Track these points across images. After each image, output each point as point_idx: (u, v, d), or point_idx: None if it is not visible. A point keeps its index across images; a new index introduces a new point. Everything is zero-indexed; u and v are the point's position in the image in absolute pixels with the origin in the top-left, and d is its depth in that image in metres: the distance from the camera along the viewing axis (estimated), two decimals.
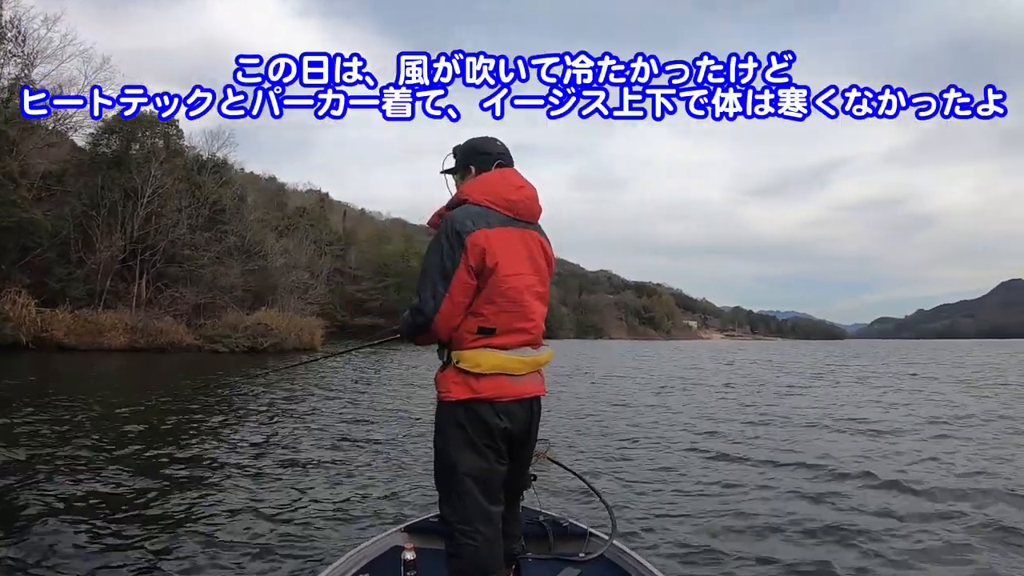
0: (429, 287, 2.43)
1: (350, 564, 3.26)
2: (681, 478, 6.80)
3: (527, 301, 2.53)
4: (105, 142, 34.42)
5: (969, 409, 12.90)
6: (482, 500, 2.47)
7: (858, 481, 6.75)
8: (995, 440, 9.27)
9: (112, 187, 32.73)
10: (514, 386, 2.51)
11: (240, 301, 37.20)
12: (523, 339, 2.54)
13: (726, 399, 15.33)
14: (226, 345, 32.67)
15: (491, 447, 2.49)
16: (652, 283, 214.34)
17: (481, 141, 2.69)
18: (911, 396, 15.95)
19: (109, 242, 32.24)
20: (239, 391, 14.74)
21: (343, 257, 76.98)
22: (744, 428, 10.40)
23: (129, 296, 33.11)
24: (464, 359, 2.47)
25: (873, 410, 12.95)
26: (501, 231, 2.48)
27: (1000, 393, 16.62)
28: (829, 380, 21.68)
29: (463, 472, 2.47)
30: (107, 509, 5.24)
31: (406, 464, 7.24)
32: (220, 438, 8.64)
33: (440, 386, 2.54)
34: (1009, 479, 6.79)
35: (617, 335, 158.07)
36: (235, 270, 37.11)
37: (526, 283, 2.53)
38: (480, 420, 2.46)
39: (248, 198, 45.20)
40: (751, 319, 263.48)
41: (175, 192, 34.87)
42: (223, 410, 11.52)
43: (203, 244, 35.79)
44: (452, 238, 2.42)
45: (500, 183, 2.57)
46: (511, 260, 2.49)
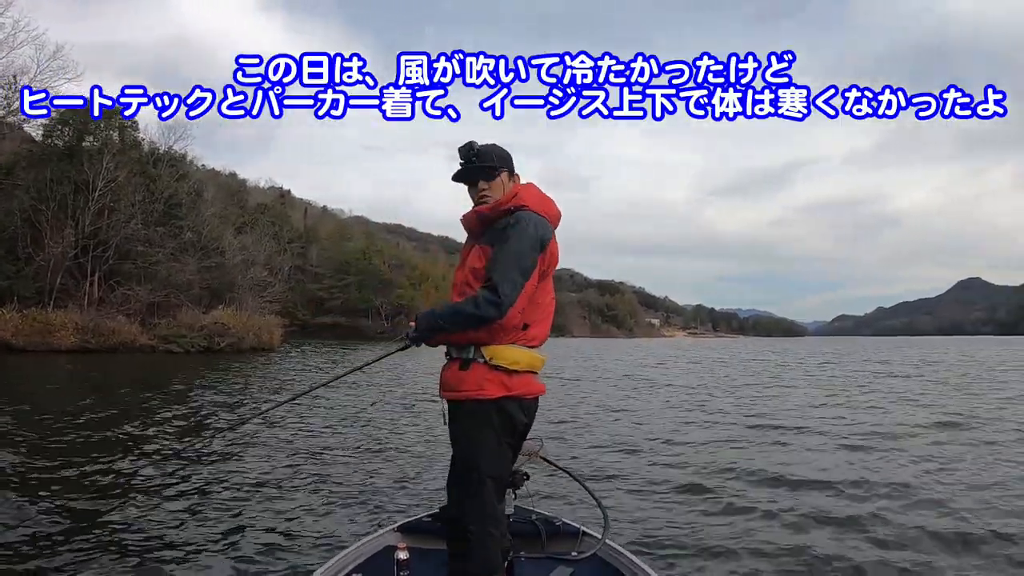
0: (511, 281, 2.42)
1: (343, 564, 3.24)
2: (673, 478, 6.75)
3: (551, 303, 2.69)
4: (58, 133, 33.01)
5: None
6: (495, 501, 2.51)
7: (853, 479, 6.77)
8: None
9: (62, 180, 31.40)
10: (536, 384, 2.60)
11: (196, 299, 36.11)
12: (545, 336, 2.65)
13: (711, 398, 15.42)
14: (181, 345, 31.52)
15: (512, 445, 2.56)
16: (615, 281, 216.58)
17: (500, 148, 2.76)
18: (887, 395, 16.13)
19: (59, 238, 30.92)
20: (208, 391, 14.31)
21: (304, 255, 76.02)
22: (733, 428, 10.38)
23: (80, 294, 31.84)
24: (500, 355, 2.47)
25: (855, 411, 13.02)
26: (554, 241, 2.62)
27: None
28: (801, 380, 21.92)
29: (487, 474, 2.47)
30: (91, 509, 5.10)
31: (399, 464, 7.17)
32: (199, 440, 8.43)
33: (465, 385, 2.48)
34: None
35: (580, 333, 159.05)
36: (191, 267, 35.94)
37: (551, 287, 2.70)
38: (509, 418, 2.49)
39: (206, 193, 43.87)
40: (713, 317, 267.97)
41: (129, 186, 33.62)
42: (195, 413, 11.11)
43: (158, 240, 34.54)
44: (536, 240, 2.50)
45: (544, 195, 2.70)
46: (555, 268, 2.65)
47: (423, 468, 6.88)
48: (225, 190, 60.64)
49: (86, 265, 32.30)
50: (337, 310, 75.47)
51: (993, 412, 11.83)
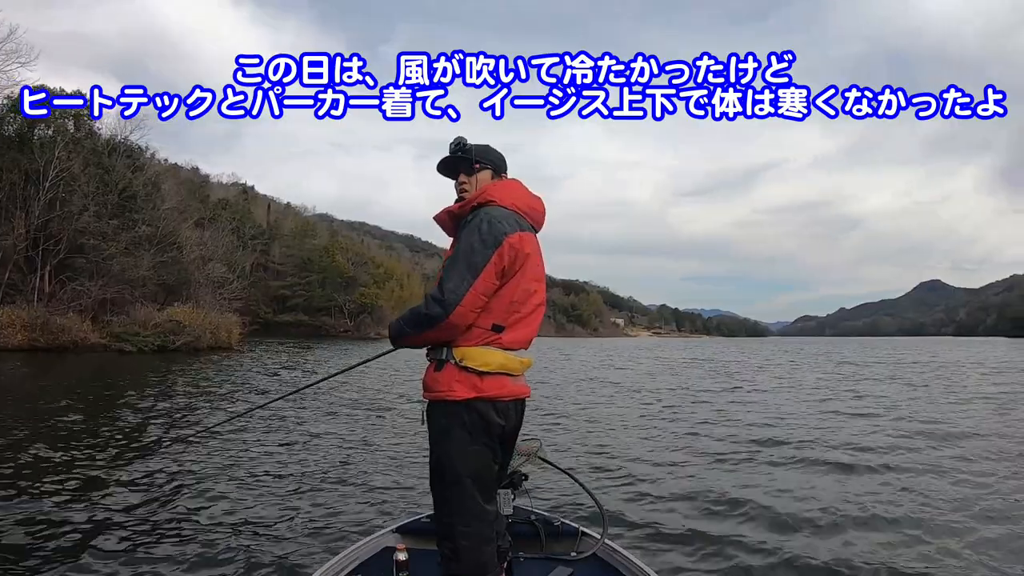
0: (456, 277, 2.39)
1: (342, 565, 3.23)
2: (673, 478, 6.82)
3: (535, 305, 2.60)
4: (9, 120, 31.47)
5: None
6: (480, 500, 2.47)
7: (846, 473, 7.00)
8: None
9: (12, 169, 30.01)
10: (513, 386, 2.53)
11: (152, 296, 34.91)
12: (526, 340, 2.58)
13: (701, 396, 15.62)
14: (134, 344, 30.03)
15: (489, 446, 2.49)
16: (580, 281, 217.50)
17: (494, 149, 2.74)
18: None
19: (8, 229, 29.57)
20: (183, 392, 14.06)
21: (267, 252, 74.79)
22: (727, 426, 10.50)
23: (29, 289, 30.46)
24: (470, 356, 2.44)
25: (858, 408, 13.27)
26: (527, 236, 2.53)
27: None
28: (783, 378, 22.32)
29: (463, 473, 2.44)
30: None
31: (396, 464, 7.19)
32: (183, 442, 8.28)
33: (439, 385, 2.47)
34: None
35: (544, 332, 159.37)
36: (146, 262, 34.48)
37: (536, 288, 2.60)
38: (482, 419, 2.44)
39: (164, 186, 42.36)
40: (677, 317, 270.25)
41: (83, 176, 32.23)
42: (178, 411, 10.89)
43: (111, 233, 33.08)
44: (488, 235, 2.41)
45: (521, 191, 2.66)
46: (532, 265, 2.55)
47: (422, 468, 6.70)
48: (187, 185, 59.38)
49: (36, 259, 30.94)
50: (300, 308, 74.43)
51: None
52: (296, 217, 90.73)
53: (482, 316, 2.45)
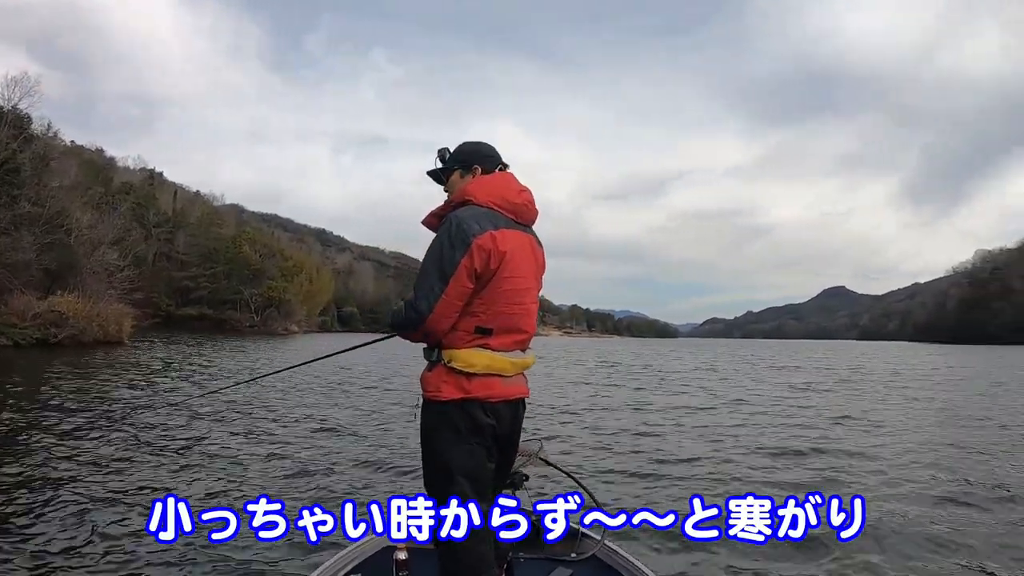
0: (426, 286, 2.39)
1: (341, 564, 3.22)
2: (672, 478, 6.87)
3: (526, 304, 2.54)
4: None
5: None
6: (472, 498, 2.43)
7: (850, 478, 7.10)
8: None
9: None
10: (504, 387, 2.48)
11: (37, 284, 31.30)
12: (518, 341, 2.54)
13: (692, 395, 15.89)
14: (11, 337, 26.58)
15: (482, 445, 2.46)
16: None
17: (483, 145, 2.70)
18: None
19: None
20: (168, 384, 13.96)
21: (171, 241, 70.41)
22: (733, 429, 10.53)
23: None
24: (457, 358, 2.42)
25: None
26: (507, 233, 2.47)
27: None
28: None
29: (456, 471, 2.42)
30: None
31: (396, 462, 7.25)
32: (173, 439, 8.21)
33: (429, 386, 2.47)
34: None
35: None
36: (27, 243, 30.89)
37: (526, 286, 2.54)
38: (471, 419, 2.42)
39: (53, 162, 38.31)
40: (588, 317, 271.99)
41: None
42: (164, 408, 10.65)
43: None
44: (456, 239, 2.38)
45: (503, 185, 2.58)
46: (516, 263, 2.48)
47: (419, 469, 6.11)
48: (88, 166, 54.95)
49: None
50: (204, 300, 70.35)
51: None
52: (204, 206, 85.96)
53: (464, 319, 2.42)
